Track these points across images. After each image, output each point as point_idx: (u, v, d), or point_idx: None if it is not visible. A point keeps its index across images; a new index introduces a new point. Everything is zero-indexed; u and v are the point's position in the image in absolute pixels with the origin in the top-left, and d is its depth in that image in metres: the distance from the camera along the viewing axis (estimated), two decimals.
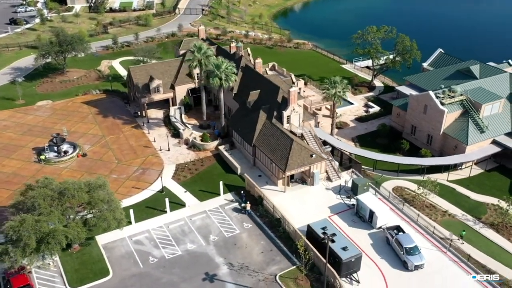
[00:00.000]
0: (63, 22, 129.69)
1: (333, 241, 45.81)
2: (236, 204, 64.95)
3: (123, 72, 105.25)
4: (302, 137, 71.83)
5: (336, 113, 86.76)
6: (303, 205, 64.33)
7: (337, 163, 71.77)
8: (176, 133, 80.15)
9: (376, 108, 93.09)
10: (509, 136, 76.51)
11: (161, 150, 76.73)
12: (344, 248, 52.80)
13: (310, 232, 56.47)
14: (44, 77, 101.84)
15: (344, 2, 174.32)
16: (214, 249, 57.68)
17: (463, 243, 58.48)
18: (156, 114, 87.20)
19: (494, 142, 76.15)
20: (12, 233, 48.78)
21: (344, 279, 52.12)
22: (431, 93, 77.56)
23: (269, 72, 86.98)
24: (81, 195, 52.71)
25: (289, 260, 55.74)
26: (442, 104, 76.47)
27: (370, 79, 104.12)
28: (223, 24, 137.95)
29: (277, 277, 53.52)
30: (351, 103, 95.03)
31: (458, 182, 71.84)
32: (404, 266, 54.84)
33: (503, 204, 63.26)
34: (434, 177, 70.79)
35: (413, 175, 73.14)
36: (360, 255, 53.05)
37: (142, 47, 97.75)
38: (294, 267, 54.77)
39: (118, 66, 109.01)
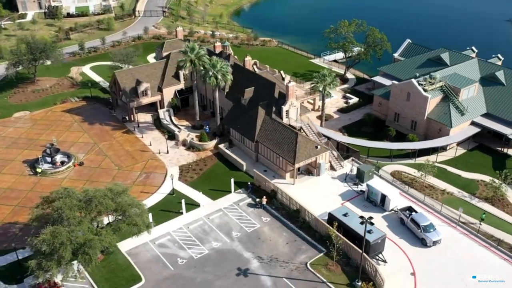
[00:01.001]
0: (20, 29, 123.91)
1: (371, 223, 48.10)
2: (249, 200, 65.98)
3: (96, 78, 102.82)
4: (301, 130, 73.85)
5: (319, 106, 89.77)
6: (314, 195, 66.38)
7: (336, 153, 74.39)
8: (170, 136, 79.65)
9: (355, 99, 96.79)
10: (485, 117, 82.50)
11: (159, 153, 76.10)
12: (369, 231, 55.32)
13: (331, 219, 58.60)
14: (14, 87, 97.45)
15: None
16: (239, 245, 58.47)
17: (481, 224, 61.81)
18: (144, 118, 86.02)
19: (473, 123, 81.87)
20: (46, 247, 47.28)
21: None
22: (414, 81, 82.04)
23: (257, 70, 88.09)
24: (108, 202, 51.80)
25: (315, 248, 57.59)
26: (425, 90, 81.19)
27: (343, 72, 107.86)
28: (186, 25, 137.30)
29: (308, 265, 55.27)
30: (332, 95, 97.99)
31: (446, 162, 76.49)
32: (422, 243, 58.24)
33: (497, 181, 68.25)
34: (424, 159, 75.23)
35: (405, 159, 77.26)
36: (385, 236, 55.94)
37: (120, 51, 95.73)
38: (322, 254, 56.71)
39: (89, 72, 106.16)
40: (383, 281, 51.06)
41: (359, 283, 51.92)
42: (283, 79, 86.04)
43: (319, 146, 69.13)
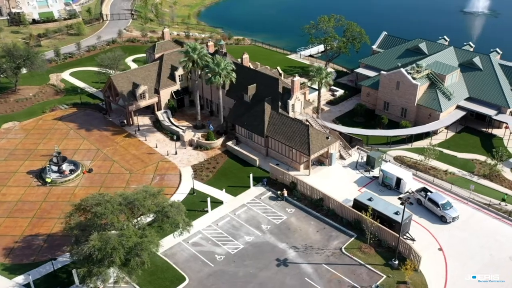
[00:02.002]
0: None
1: (411, 203, 50.85)
2: (270, 193, 67.38)
3: (80, 84, 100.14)
4: (306, 122, 75.97)
5: (309, 99, 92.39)
6: (331, 183, 68.64)
7: (344, 142, 77.04)
8: (176, 137, 79.33)
9: (340, 91, 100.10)
10: (468, 100, 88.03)
11: (168, 154, 75.82)
12: (396, 213, 58.49)
13: (357, 205, 61.24)
14: None
15: None
16: (272, 237, 59.81)
17: (506, 205, 65.67)
18: (142, 121, 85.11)
19: (458, 107, 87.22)
20: (98, 253, 46.64)
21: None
22: (403, 70, 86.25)
23: (251, 66, 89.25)
24: (150, 204, 51.64)
25: (345, 234, 59.90)
26: (414, 79, 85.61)
27: (323, 66, 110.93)
28: (156, 27, 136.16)
29: (343, 249, 57.52)
30: (317, 89, 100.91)
31: (439, 145, 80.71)
32: (441, 220, 61.98)
33: (494, 160, 73.43)
34: (418, 143, 79.87)
35: (401, 145, 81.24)
36: (411, 216, 59.23)
37: (107, 55, 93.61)
38: (353, 238, 59.13)
39: (70, 78, 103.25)
40: (419, 258, 54.10)
41: (396, 262, 54.78)
42: (280, 75, 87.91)
43: (329, 137, 71.60)
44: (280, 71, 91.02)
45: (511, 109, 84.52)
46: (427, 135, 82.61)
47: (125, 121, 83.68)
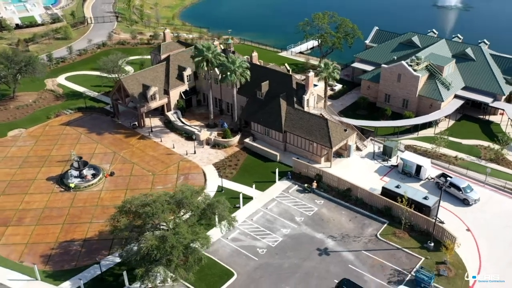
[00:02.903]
0: None
1: (449, 187, 53.49)
2: (296, 186, 68.89)
3: (77, 88, 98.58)
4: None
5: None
6: (353, 174, 70.70)
7: (360, 134, 79.36)
8: (190, 136, 79.71)
9: (339, 86, 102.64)
10: (464, 89, 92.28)
11: (187, 154, 76.08)
12: (425, 198, 61.28)
13: (385, 192, 63.64)
14: None
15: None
16: (308, 228, 61.34)
17: None
18: (152, 122, 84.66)
19: (456, 97, 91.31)
20: (156, 252, 46.92)
21: None
22: (404, 63, 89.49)
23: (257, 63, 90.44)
24: (198, 202, 52.19)
25: (377, 221, 62.11)
26: (415, 71, 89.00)
27: (318, 63, 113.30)
28: (142, 29, 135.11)
29: (378, 235, 59.72)
30: (316, 85, 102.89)
31: (442, 133, 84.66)
32: (464, 203, 65.18)
33: (496, 146, 77.58)
34: (423, 133, 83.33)
35: (407, 135, 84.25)
36: (439, 201, 61.89)
37: (110, 58, 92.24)
38: (385, 225, 61.43)
39: (67, 83, 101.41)
40: (454, 239, 56.81)
41: (431, 244, 57.41)
42: (288, 71, 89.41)
43: (347, 129, 73.77)
44: (288, 68, 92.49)
45: (506, 96, 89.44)
46: (429, 124, 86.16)
47: (136, 123, 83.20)
